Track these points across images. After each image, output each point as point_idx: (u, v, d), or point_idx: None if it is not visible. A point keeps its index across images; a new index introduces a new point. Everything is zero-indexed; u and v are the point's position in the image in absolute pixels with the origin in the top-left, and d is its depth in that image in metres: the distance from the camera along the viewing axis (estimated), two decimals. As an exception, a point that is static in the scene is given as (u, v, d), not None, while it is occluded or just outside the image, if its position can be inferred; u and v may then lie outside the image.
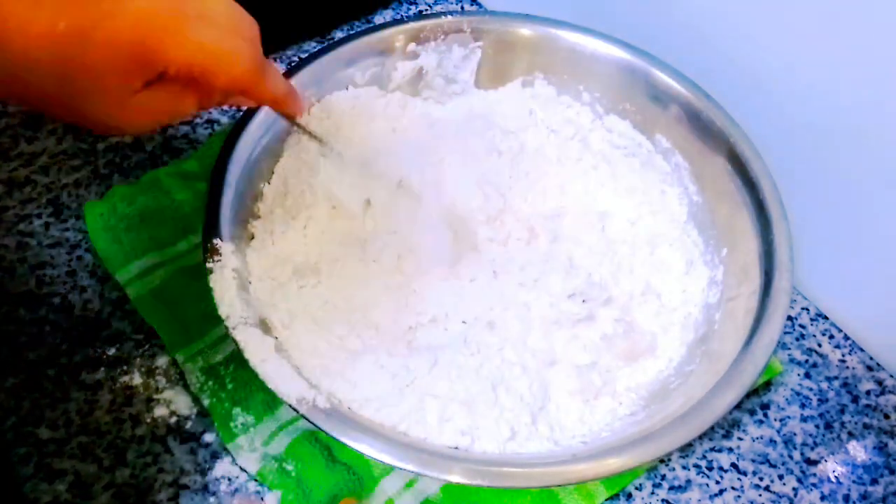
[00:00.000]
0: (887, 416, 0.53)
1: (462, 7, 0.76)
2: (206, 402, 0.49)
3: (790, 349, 0.56)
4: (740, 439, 0.51)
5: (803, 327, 0.57)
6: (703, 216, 0.54)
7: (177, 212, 0.57)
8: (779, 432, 0.52)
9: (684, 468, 0.50)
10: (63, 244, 0.55)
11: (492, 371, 0.46)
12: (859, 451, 0.51)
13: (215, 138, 0.62)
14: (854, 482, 0.50)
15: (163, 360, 0.50)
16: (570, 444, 0.44)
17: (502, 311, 0.49)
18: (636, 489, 0.49)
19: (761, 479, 0.50)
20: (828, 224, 0.55)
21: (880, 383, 0.55)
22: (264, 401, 0.49)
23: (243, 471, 0.47)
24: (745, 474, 0.50)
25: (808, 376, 0.55)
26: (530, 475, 0.40)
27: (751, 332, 0.45)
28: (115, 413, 0.48)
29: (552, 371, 0.47)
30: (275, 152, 0.53)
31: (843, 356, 0.56)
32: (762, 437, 0.51)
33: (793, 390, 0.54)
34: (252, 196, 0.51)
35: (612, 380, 0.48)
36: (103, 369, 0.50)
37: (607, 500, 0.48)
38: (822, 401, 0.53)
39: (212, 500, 0.46)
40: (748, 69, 0.55)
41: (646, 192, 0.56)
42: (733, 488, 0.49)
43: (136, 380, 0.50)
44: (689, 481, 0.49)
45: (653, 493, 0.49)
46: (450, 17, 0.57)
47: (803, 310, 0.58)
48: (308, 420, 0.40)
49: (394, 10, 0.73)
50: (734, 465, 0.50)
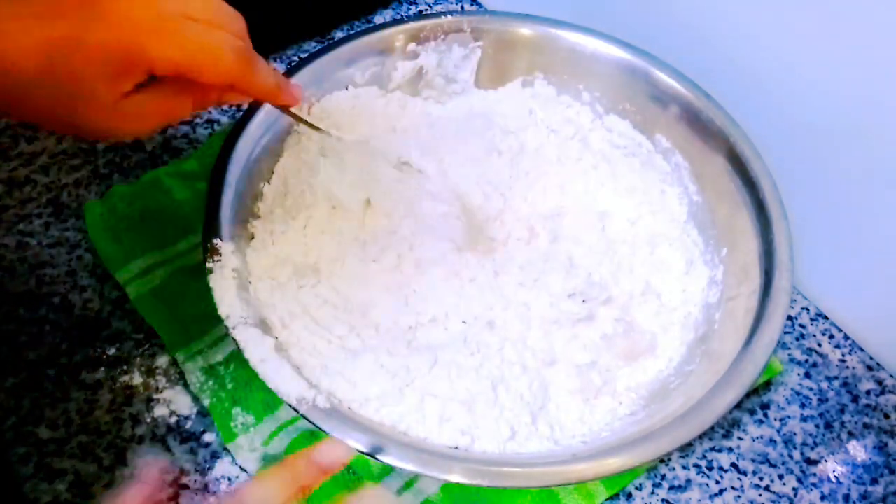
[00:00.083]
0: (887, 416, 0.53)
1: (462, 7, 0.76)
2: (206, 402, 0.49)
3: (790, 349, 0.56)
4: (740, 439, 0.51)
5: (803, 327, 0.57)
6: (703, 216, 0.54)
7: (177, 212, 0.57)
8: (779, 432, 0.52)
9: (684, 468, 0.50)
10: (63, 244, 0.55)
11: (492, 371, 0.46)
12: (859, 450, 0.51)
13: (215, 138, 0.62)
14: (854, 482, 0.50)
15: (163, 360, 0.50)
16: (570, 444, 0.44)
17: (502, 310, 0.49)
18: (636, 489, 0.49)
19: (761, 479, 0.50)
20: (828, 224, 0.55)
21: (880, 383, 0.55)
22: (264, 400, 0.49)
23: (243, 471, 0.47)
24: (745, 474, 0.50)
25: (808, 376, 0.55)
26: (530, 475, 0.40)
27: (751, 331, 0.45)
28: (115, 413, 0.48)
29: (552, 371, 0.47)
30: (275, 152, 0.53)
31: (843, 356, 0.56)
32: (762, 437, 0.51)
33: (793, 390, 0.54)
34: (252, 196, 0.51)
35: (612, 379, 0.48)
36: (103, 369, 0.50)
37: (607, 500, 0.48)
38: (822, 400, 0.53)
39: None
40: (748, 69, 0.55)
41: (646, 192, 0.56)
42: (733, 488, 0.49)
43: (136, 379, 0.50)
44: (689, 481, 0.49)
45: (653, 492, 0.49)
46: (450, 16, 0.58)
47: (803, 310, 0.58)
48: (308, 420, 0.40)
49: (394, 9, 0.73)
50: (734, 465, 0.50)
